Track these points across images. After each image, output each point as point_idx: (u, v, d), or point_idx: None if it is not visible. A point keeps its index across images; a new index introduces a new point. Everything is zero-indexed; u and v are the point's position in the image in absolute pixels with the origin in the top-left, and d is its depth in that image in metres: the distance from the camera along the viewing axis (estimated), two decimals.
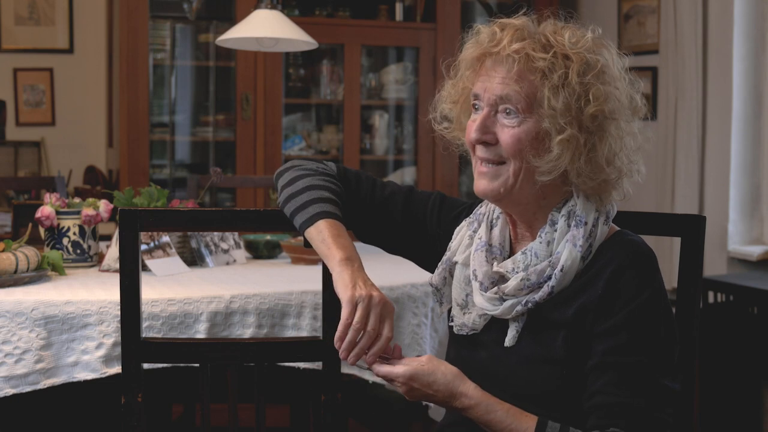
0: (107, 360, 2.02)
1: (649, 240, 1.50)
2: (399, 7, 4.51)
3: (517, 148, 1.42)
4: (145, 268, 2.32)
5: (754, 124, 3.82)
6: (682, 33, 3.87)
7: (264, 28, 2.90)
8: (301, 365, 2.12)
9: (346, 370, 2.07)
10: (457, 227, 1.59)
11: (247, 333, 2.13)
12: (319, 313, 2.09)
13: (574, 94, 1.39)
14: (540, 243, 1.45)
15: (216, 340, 1.99)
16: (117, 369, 2.01)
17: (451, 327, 1.57)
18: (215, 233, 2.64)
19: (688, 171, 3.85)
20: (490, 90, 1.43)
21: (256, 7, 2.98)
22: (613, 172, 1.44)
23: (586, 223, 1.44)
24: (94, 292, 2.12)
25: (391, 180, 1.72)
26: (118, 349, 1.91)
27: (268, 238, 2.81)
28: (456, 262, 1.56)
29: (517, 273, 1.46)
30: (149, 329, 2.05)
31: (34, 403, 2.18)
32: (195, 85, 4.51)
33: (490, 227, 1.54)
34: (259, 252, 2.78)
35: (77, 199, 2.58)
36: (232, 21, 4.07)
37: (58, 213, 2.48)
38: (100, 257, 2.55)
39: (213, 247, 2.61)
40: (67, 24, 5.52)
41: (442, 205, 1.65)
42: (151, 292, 2.12)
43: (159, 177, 4.33)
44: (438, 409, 2.48)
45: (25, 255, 2.20)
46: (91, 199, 2.54)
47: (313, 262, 2.61)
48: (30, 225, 2.63)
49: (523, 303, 1.44)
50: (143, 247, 2.36)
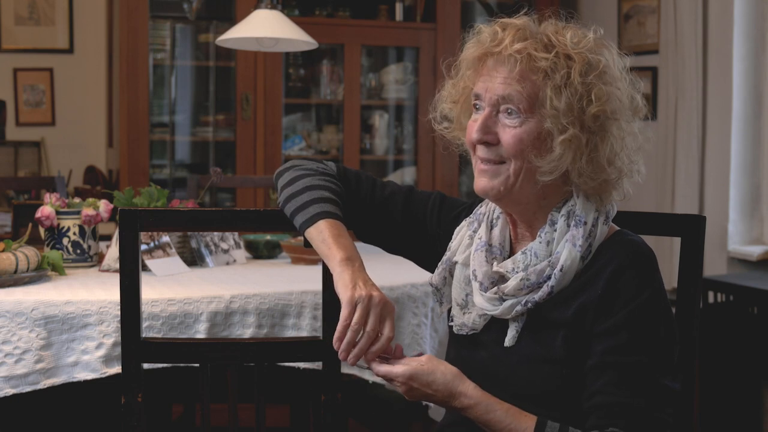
0: (107, 360, 2.02)
1: (649, 240, 1.50)
2: (399, 7, 4.51)
3: (519, 148, 1.42)
4: (145, 268, 2.32)
5: (754, 124, 3.81)
6: (682, 33, 3.87)
7: (264, 28, 2.90)
8: (301, 365, 2.11)
9: (346, 370, 2.07)
10: (457, 227, 1.59)
11: (247, 333, 2.13)
12: (319, 313, 2.09)
13: (577, 94, 1.39)
14: (540, 243, 1.45)
15: (216, 340, 1.99)
16: (117, 369, 2.01)
17: (451, 327, 1.57)
18: (215, 233, 2.64)
19: (688, 171, 3.85)
20: (491, 90, 1.43)
21: (256, 7, 2.98)
22: (614, 172, 1.44)
23: (585, 222, 1.44)
24: (94, 292, 2.12)
25: (391, 180, 1.71)
26: (118, 349, 1.91)
27: (268, 238, 2.81)
28: (456, 262, 1.56)
29: (516, 273, 1.46)
30: (149, 329, 2.05)
31: (34, 403, 2.18)
32: (195, 85, 4.51)
33: (490, 227, 1.54)
34: (259, 252, 2.78)
35: (77, 199, 2.58)
36: (232, 21, 4.07)
37: (58, 213, 2.47)
38: (100, 257, 2.55)
39: (213, 247, 2.61)
40: (67, 24, 5.52)
41: (442, 205, 1.65)
42: (151, 292, 2.12)
43: (159, 177, 4.33)
44: (438, 409, 2.48)
45: (25, 255, 2.20)
46: (91, 199, 2.54)
47: (313, 262, 2.61)
48: (30, 225, 2.62)
49: (522, 303, 1.44)
50: (143, 247, 2.36)
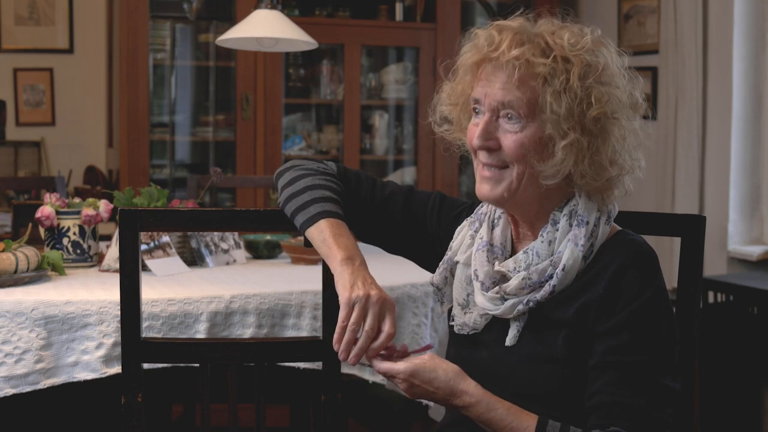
0: (107, 360, 2.02)
1: (649, 240, 1.50)
2: (399, 7, 4.51)
3: (521, 153, 1.41)
4: (145, 268, 2.32)
5: (754, 124, 3.81)
6: (682, 33, 3.87)
7: (264, 28, 2.90)
8: (301, 365, 2.12)
9: (346, 370, 2.07)
10: (459, 227, 1.59)
11: (247, 333, 2.13)
12: (319, 313, 2.09)
13: (576, 98, 1.38)
14: (542, 242, 1.45)
15: (216, 340, 1.99)
16: (117, 369, 2.01)
17: (451, 326, 1.57)
18: (215, 233, 2.64)
19: (688, 171, 3.85)
20: (491, 95, 1.42)
21: (256, 7, 2.97)
22: (616, 170, 1.44)
23: (587, 222, 1.44)
24: (94, 292, 2.12)
25: (391, 180, 1.71)
26: (118, 349, 1.91)
27: (268, 238, 2.81)
28: (457, 262, 1.56)
29: (518, 272, 1.46)
30: (149, 329, 2.05)
31: (34, 403, 2.18)
32: (195, 85, 4.51)
33: (492, 227, 1.53)
34: (259, 252, 2.78)
35: (77, 199, 2.58)
36: (232, 21, 4.07)
37: (58, 213, 2.47)
38: (100, 257, 2.55)
39: (213, 247, 2.61)
40: (67, 24, 5.52)
41: (442, 205, 1.65)
42: (151, 292, 2.12)
43: (159, 177, 4.33)
44: (438, 409, 2.48)
45: (25, 255, 2.20)
46: (91, 199, 2.54)
47: (313, 262, 2.61)
48: (30, 225, 2.62)
49: (524, 302, 1.44)
50: (143, 247, 2.36)
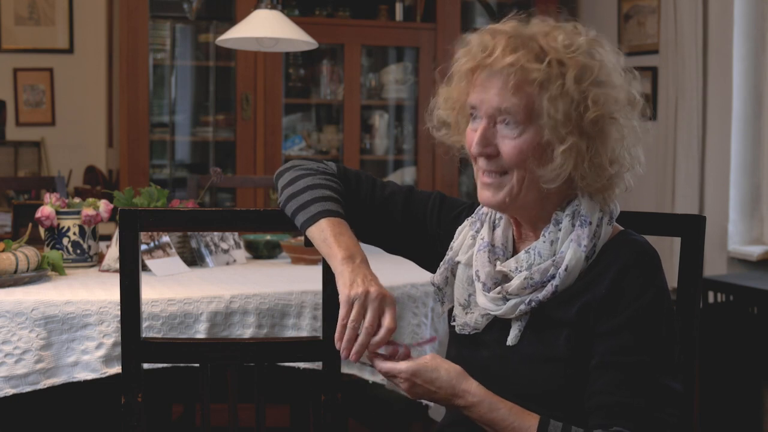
0: (107, 360, 2.02)
1: (649, 240, 1.50)
2: (399, 7, 4.51)
3: (520, 159, 1.41)
4: (145, 268, 2.32)
5: (754, 124, 3.82)
6: (682, 33, 3.87)
7: (264, 28, 2.90)
8: (301, 365, 2.11)
9: (346, 370, 2.07)
10: (459, 226, 1.59)
11: (247, 333, 2.13)
12: (319, 313, 2.09)
13: (573, 102, 1.38)
14: (544, 242, 1.45)
15: (216, 340, 1.99)
16: (117, 369, 2.01)
17: (452, 327, 1.57)
18: (215, 233, 2.64)
19: (688, 171, 3.85)
20: (487, 102, 1.41)
21: (256, 7, 2.97)
22: (616, 169, 1.43)
23: (590, 223, 1.43)
24: (94, 292, 2.12)
25: (391, 180, 1.71)
26: (118, 349, 1.91)
27: (268, 238, 2.81)
28: (458, 262, 1.55)
29: (520, 272, 1.45)
30: (149, 329, 2.05)
31: (34, 403, 2.18)
32: (195, 85, 4.51)
33: (493, 227, 1.53)
34: (259, 252, 2.78)
35: (77, 199, 2.58)
36: (232, 21, 4.06)
37: (58, 213, 2.47)
38: (100, 257, 2.55)
39: (213, 247, 2.61)
40: (67, 24, 5.52)
41: (442, 205, 1.65)
42: (151, 292, 2.12)
43: (159, 177, 4.33)
44: (438, 409, 2.48)
45: (25, 255, 2.20)
46: (91, 199, 2.54)
47: (313, 262, 2.60)
48: (30, 225, 2.62)
49: (526, 302, 1.44)
50: (143, 247, 2.36)
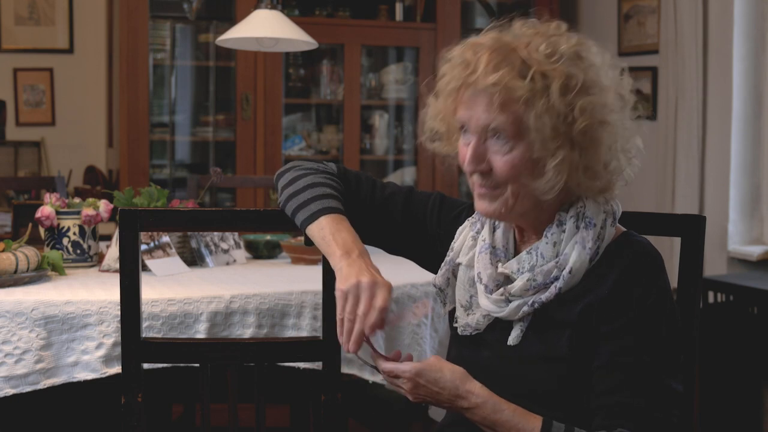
0: (107, 360, 2.02)
1: (649, 240, 1.50)
2: (399, 7, 4.51)
3: (512, 174, 1.40)
4: (145, 268, 2.32)
5: (754, 124, 3.81)
6: (682, 33, 3.87)
7: (264, 28, 2.90)
8: (301, 365, 2.11)
9: (346, 370, 2.07)
10: (460, 227, 1.59)
11: (247, 333, 2.13)
12: (319, 313, 2.09)
13: (560, 116, 1.36)
14: (546, 243, 1.44)
15: (216, 340, 1.99)
16: (117, 369, 2.01)
17: (454, 328, 1.56)
18: (215, 233, 2.64)
19: (688, 171, 3.85)
20: (475, 119, 1.41)
21: (256, 7, 2.97)
22: (612, 170, 1.42)
23: (595, 224, 1.43)
24: (94, 292, 2.12)
25: (392, 181, 1.71)
26: (118, 349, 1.91)
27: (268, 238, 2.81)
28: (459, 264, 1.55)
29: (522, 273, 1.45)
30: (149, 329, 2.05)
31: (34, 403, 2.18)
32: (195, 85, 4.51)
33: (493, 229, 1.53)
34: (259, 252, 2.78)
35: (77, 199, 2.58)
36: (232, 21, 4.06)
37: (58, 213, 2.47)
38: (100, 257, 2.55)
39: (213, 247, 2.61)
40: (67, 24, 5.52)
41: (442, 205, 1.65)
42: (151, 292, 2.12)
43: (159, 177, 4.33)
44: (438, 408, 2.48)
45: (25, 255, 2.20)
46: (91, 199, 2.54)
47: (313, 262, 2.60)
48: (30, 225, 2.62)
49: (529, 303, 1.44)
50: (143, 247, 2.36)
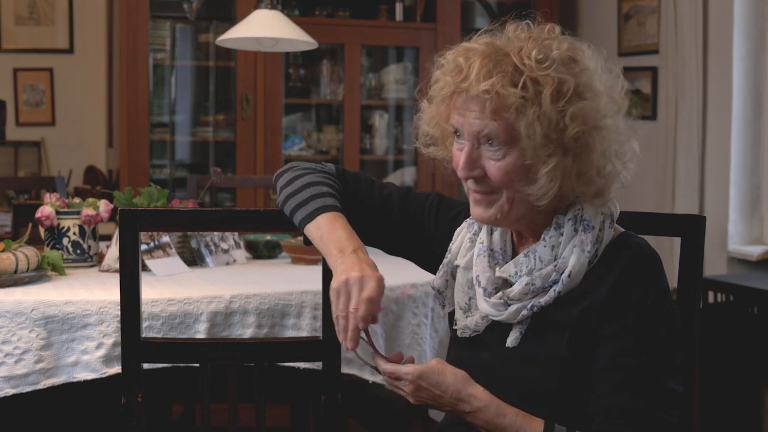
0: (107, 360, 2.02)
1: (649, 240, 1.50)
2: (399, 7, 4.51)
3: (506, 180, 1.40)
4: (145, 268, 2.32)
5: (754, 124, 3.81)
6: (682, 33, 3.87)
7: (264, 28, 2.90)
8: (301, 365, 2.11)
9: (346, 370, 2.07)
10: (458, 228, 1.59)
11: (247, 333, 2.13)
12: (319, 313, 2.09)
13: (552, 123, 1.36)
14: (544, 247, 1.44)
15: (216, 340, 1.99)
16: (117, 369, 2.01)
17: (454, 330, 1.56)
18: (215, 233, 2.64)
19: (688, 171, 3.85)
20: (468, 125, 1.40)
21: (256, 7, 2.98)
22: (605, 175, 1.41)
23: (593, 227, 1.42)
24: (94, 292, 2.12)
25: (391, 182, 1.70)
26: (118, 349, 1.91)
27: (268, 238, 2.81)
28: (458, 266, 1.55)
29: (520, 277, 1.45)
30: (149, 329, 2.05)
31: (34, 403, 2.18)
32: (195, 85, 4.51)
33: (491, 231, 1.52)
34: (259, 252, 2.78)
35: (77, 199, 2.58)
36: (232, 21, 4.07)
37: (58, 213, 2.47)
38: (100, 257, 2.55)
39: (213, 247, 2.61)
40: (67, 24, 5.52)
41: (439, 206, 1.64)
42: (151, 292, 2.12)
43: (159, 177, 4.33)
44: None
45: (25, 255, 2.20)
46: (91, 199, 2.54)
47: (313, 262, 2.60)
48: (30, 225, 2.62)
49: (528, 307, 1.43)
50: (143, 247, 2.36)
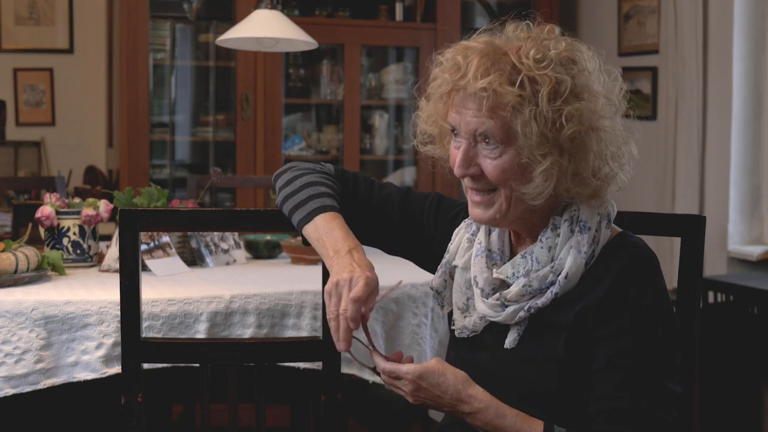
0: (107, 360, 2.02)
1: (649, 240, 1.50)
2: (399, 7, 4.51)
3: (502, 178, 1.40)
4: (145, 268, 2.32)
5: (754, 124, 3.81)
6: (682, 33, 3.87)
7: (264, 28, 2.90)
8: (301, 365, 2.11)
9: (346, 370, 2.07)
10: (456, 228, 1.59)
11: (247, 333, 2.13)
12: (319, 313, 2.09)
13: (548, 122, 1.35)
14: (541, 248, 1.44)
15: (216, 340, 1.99)
16: (117, 369, 2.01)
17: (452, 330, 1.56)
18: (215, 233, 2.64)
19: (688, 171, 3.85)
20: (465, 123, 1.40)
21: (256, 7, 2.98)
22: (601, 178, 1.41)
23: (590, 228, 1.42)
24: (94, 292, 2.12)
25: (390, 182, 1.70)
26: (118, 349, 1.91)
27: (268, 238, 2.81)
28: (456, 266, 1.55)
29: (517, 278, 1.45)
30: (149, 329, 2.05)
31: (34, 403, 2.18)
32: (195, 85, 4.51)
33: (489, 231, 1.52)
34: (259, 252, 2.78)
35: (77, 199, 2.58)
36: (232, 21, 4.07)
37: (58, 213, 2.47)
38: (100, 257, 2.55)
39: (213, 247, 2.61)
40: (67, 24, 5.52)
41: (439, 206, 1.64)
42: (151, 292, 2.12)
43: (159, 177, 4.33)
44: None
45: (25, 255, 2.20)
46: (91, 199, 2.54)
47: (313, 262, 2.61)
48: (30, 225, 2.63)
49: (525, 308, 1.44)
50: (143, 247, 2.36)
